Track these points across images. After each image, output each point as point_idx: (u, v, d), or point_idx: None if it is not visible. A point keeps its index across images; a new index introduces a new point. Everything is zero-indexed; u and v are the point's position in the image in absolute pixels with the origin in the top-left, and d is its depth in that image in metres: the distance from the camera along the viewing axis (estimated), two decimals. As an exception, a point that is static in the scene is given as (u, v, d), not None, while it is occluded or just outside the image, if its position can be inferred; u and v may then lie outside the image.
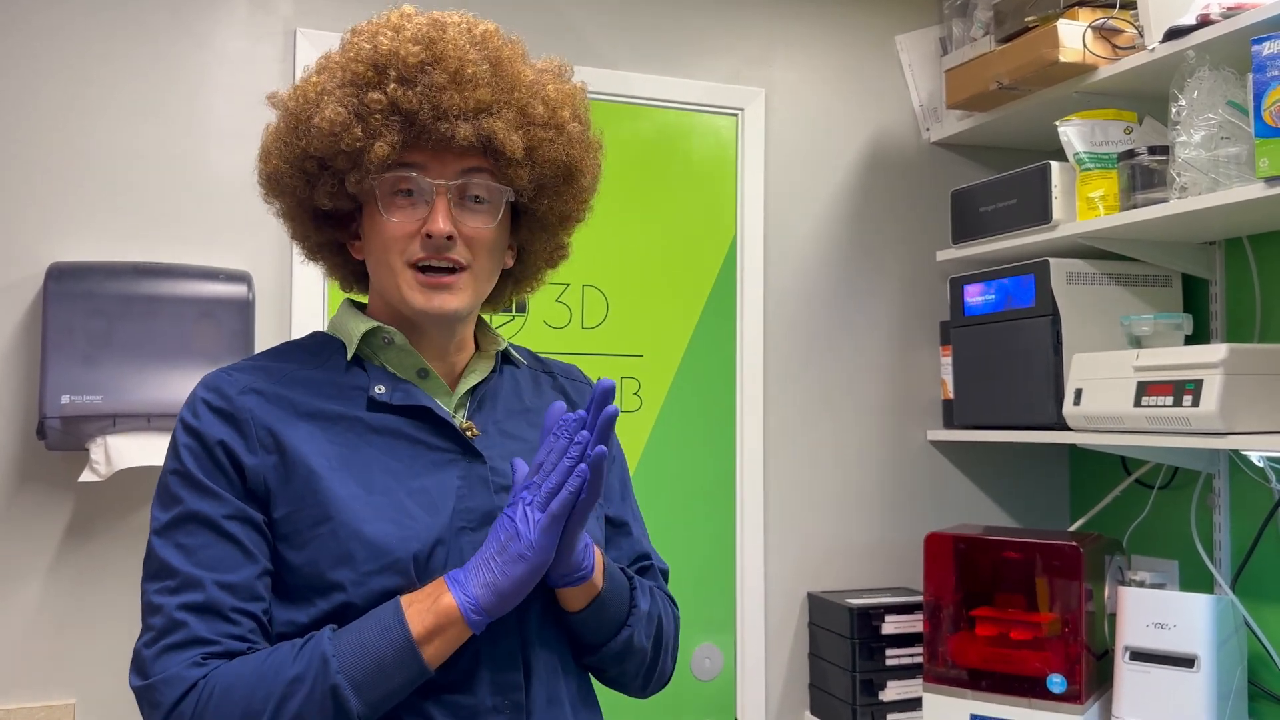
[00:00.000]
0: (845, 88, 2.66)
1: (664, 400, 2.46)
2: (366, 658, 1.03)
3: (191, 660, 1.03)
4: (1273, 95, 1.75)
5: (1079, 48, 2.16)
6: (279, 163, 1.18)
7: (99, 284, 1.96)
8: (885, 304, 2.67)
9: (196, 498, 1.08)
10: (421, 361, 1.20)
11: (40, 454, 2.00)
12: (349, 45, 1.18)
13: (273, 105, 1.22)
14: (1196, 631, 1.96)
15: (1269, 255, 2.19)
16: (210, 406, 1.12)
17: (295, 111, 1.16)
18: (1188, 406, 1.90)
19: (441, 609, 1.05)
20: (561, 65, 1.25)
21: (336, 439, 1.13)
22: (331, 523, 1.08)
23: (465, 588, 1.06)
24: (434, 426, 1.17)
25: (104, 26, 2.09)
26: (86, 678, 2.01)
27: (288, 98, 1.19)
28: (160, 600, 1.06)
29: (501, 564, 1.06)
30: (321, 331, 1.27)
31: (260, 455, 1.10)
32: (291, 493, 1.10)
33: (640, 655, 1.26)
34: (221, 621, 1.05)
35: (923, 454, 2.67)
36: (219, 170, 2.15)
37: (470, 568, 1.07)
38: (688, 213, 2.50)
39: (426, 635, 1.04)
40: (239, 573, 1.07)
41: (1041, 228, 2.26)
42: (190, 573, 1.06)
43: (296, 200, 1.21)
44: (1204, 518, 2.30)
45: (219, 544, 1.07)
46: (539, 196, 1.22)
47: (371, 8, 1.26)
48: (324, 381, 1.17)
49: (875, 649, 2.37)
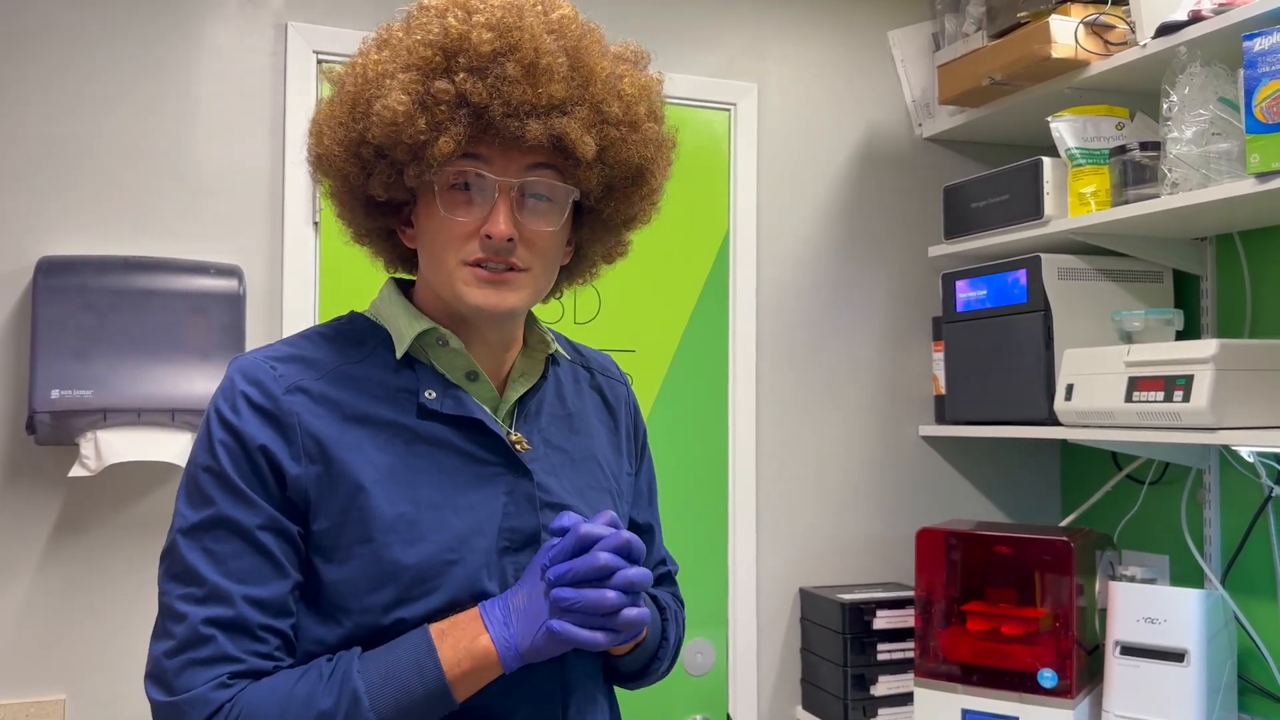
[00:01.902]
0: (838, 83, 2.66)
1: (657, 395, 2.46)
2: (398, 692, 0.99)
3: (218, 680, 0.98)
4: (1264, 91, 1.75)
5: (1071, 43, 2.16)
6: (332, 145, 1.09)
7: (89, 278, 1.95)
8: (877, 299, 2.67)
9: (230, 502, 1.02)
10: (472, 364, 1.14)
11: (30, 449, 1.99)
12: (415, 22, 1.07)
13: (329, 80, 1.13)
14: (1187, 626, 1.97)
15: (1260, 251, 2.20)
16: (251, 403, 1.04)
17: (354, 93, 1.07)
18: (1178, 402, 1.90)
19: (479, 651, 1.02)
20: (638, 52, 1.17)
21: (385, 447, 1.07)
22: (374, 544, 1.03)
23: (507, 633, 1.02)
24: (483, 437, 1.11)
25: (94, 20, 2.08)
26: (76, 673, 2.01)
27: (345, 75, 1.09)
28: (185, 608, 1.00)
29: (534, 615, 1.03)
30: (361, 315, 1.18)
31: (304, 464, 1.04)
32: (335, 506, 1.04)
33: (659, 674, 1.29)
34: (249, 639, 1.00)
35: (915, 449, 2.68)
36: (209, 164, 2.14)
37: (513, 613, 1.03)
38: (680, 207, 2.50)
39: (461, 677, 1.01)
40: (270, 587, 1.02)
41: (1033, 223, 2.27)
42: (219, 584, 1.00)
43: (348, 186, 1.12)
44: (1194, 513, 2.30)
45: (250, 555, 1.01)
46: (606, 198, 1.15)
47: (362, 0, 1.25)
48: (372, 381, 1.10)
49: (867, 644, 2.37)
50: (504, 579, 1.08)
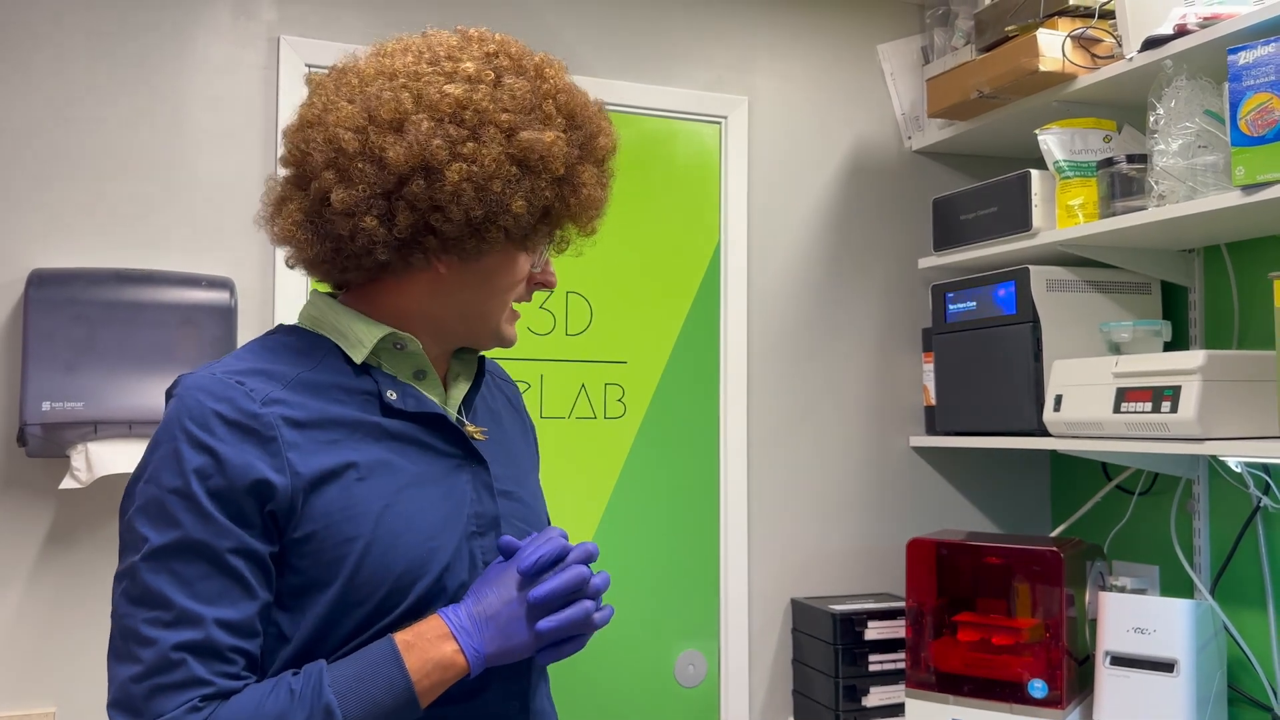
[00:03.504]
0: (828, 96, 2.68)
1: (648, 407, 2.46)
2: (368, 705, 1.02)
3: (189, 705, 0.98)
4: (1249, 104, 1.77)
5: (1058, 57, 2.17)
6: (521, 206, 1.13)
7: (80, 290, 1.95)
8: (867, 311, 2.68)
9: (200, 526, 1.01)
10: (420, 364, 1.20)
11: (21, 461, 1.99)
12: (587, 116, 1.20)
13: (509, 140, 1.13)
14: (1176, 636, 1.97)
15: (1246, 262, 2.21)
16: (226, 421, 1.05)
17: (569, 175, 1.18)
18: (1166, 412, 1.91)
19: (447, 662, 1.06)
20: (600, 102, 1.25)
21: (361, 445, 1.11)
22: (363, 538, 1.07)
23: (474, 641, 1.08)
24: (442, 431, 1.18)
25: (87, 33, 2.08)
26: (66, 686, 2.00)
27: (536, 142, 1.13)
28: (153, 633, 0.99)
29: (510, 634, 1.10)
30: (295, 328, 1.21)
31: (289, 475, 1.05)
32: (318, 510, 1.06)
33: None
34: (220, 661, 1.00)
35: (905, 460, 2.69)
36: (202, 177, 2.14)
37: (479, 620, 1.09)
38: (671, 220, 2.51)
39: (430, 688, 1.06)
40: (239, 608, 1.02)
41: (1022, 235, 2.28)
42: (188, 607, 1.00)
43: (502, 233, 1.15)
44: (1184, 523, 2.31)
45: (219, 576, 1.01)
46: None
47: (353, 14, 1.26)
48: (333, 386, 1.13)
49: (858, 654, 2.37)
50: (473, 563, 1.15)
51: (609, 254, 2.44)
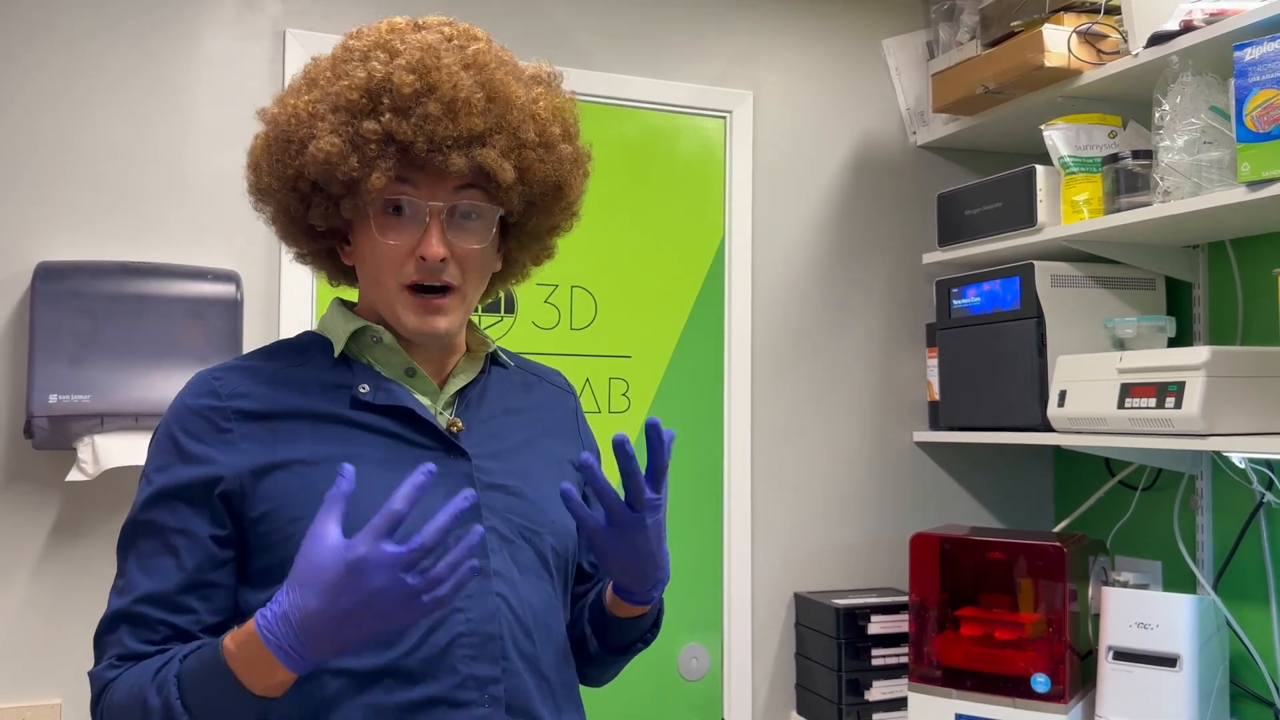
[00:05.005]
0: (833, 91, 2.68)
1: (652, 401, 2.47)
2: (214, 709, 1.04)
3: (108, 662, 1.13)
4: (1255, 100, 1.77)
5: (1064, 53, 2.17)
6: (270, 180, 1.19)
7: (86, 283, 1.96)
8: (872, 306, 2.68)
9: (155, 507, 1.13)
10: (408, 360, 1.22)
11: (27, 453, 1.99)
12: (340, 65, 1.17)
13: (262, 120, 1.21)
14: (1179, 631, 1.98)
15: (1251, 258, 2.21)
16: (193, 412, 1.15)
17: (288, 131, 1.16)
18: (1170, 408, 1.91)
19: (277, 684, 1.03)
20: (551, 74, 1.25)
21: (321, 435, 1.16)
22: (303, 521, 1.05)
23: (298, 661, 1.02)
24: (417, 424, 1.20)
25: (92, 26, 2.09)
26: (72, 678, 2.01)
27: (278, 114, 1.18)
28: (112, 597, 1.14)
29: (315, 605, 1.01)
30: (311, 331, 1.28)
31: (238, 460, 1.13)
32: (268, 493, 1.13)
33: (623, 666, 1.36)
34: (146, 629, 1.11)
35: (908, 455, 2.69)
36: (207, 170, 2.15)
37: (296, 632, 1.01)
38: (676, 214, 2.51)
39: (273, 688, 1.03)
40: (170, 584, 1.11)
41: (1026, 231, 2.28)
42: (132, 578, 1.12)
43: (289, 216, 1.22)
44: (1187, 519, 2.32)
45: (163, 555, 1.12)
46: (528, 213, 1.24)
47: (359, 7, 1.27)
48: (310, 381, 1.19)
49: (861, 649, 2.38)
50: None
51: (614, 248, 2.44)
